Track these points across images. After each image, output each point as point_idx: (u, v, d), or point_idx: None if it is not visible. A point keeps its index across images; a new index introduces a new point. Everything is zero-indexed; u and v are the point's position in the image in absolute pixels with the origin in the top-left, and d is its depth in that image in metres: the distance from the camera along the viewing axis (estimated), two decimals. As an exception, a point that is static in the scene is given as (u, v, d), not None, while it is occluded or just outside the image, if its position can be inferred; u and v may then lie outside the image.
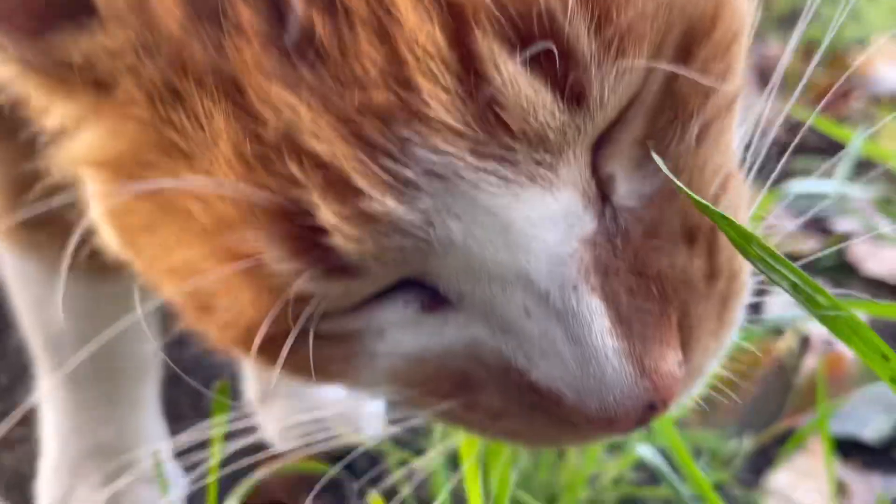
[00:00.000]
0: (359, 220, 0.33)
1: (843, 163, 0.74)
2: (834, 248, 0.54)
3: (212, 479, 0.56)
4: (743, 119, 0.40)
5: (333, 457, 0.74)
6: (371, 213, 0.33)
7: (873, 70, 1.43)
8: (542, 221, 0.34)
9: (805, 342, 0.85)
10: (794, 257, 1.08)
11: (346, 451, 0.73)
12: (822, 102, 0.50)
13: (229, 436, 0.81)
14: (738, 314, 0.41)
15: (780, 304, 0.94)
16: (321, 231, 0.33)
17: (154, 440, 0.71)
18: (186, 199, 0.35)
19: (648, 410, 0.36)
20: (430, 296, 0.38)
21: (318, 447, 0.74)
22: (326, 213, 0.32)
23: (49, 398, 0.70)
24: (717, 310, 0.39)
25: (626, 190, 0.37)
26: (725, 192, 0.38)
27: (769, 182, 0.44)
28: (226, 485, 0.62)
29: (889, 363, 0.38)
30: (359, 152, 0.32)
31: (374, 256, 0.34)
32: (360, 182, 0.32)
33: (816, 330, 0.88)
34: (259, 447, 0.78)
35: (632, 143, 0.36)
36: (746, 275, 0.40)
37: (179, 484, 0.71)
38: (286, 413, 0.75)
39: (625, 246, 0.36)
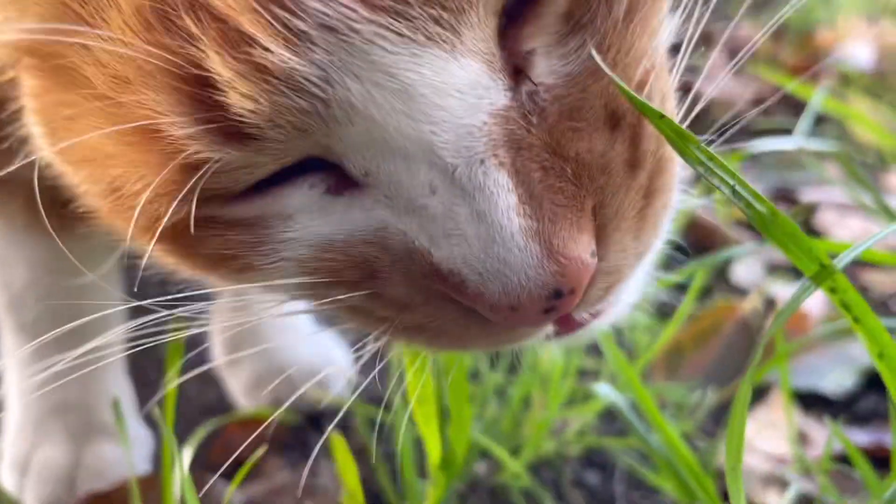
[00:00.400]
0: (253, 75, 0.32)
1: (805, 118, 0.74)
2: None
3: (168, 431, 0.55)
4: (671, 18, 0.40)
5: (300, 413, 0.75)
6: (265, 65, 0.32)
7: (841, 48, 1.45)
8: (447, 90, 0.33)
9: (770, 304, 0.86)
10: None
11: (313, 407, 0.73)
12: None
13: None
14: (663, 218, 0.39)
15: (744, 270, 0.95)
16: (218, 90, 0.33)
17: (119, 399, 0.70)
18: (87, 66, 0.35)
19: (555, 298, 0.35)
20: (337, 178, 0.37)
21: (285, 404, 0.74)
22: (221, 67, 0.32)
23: (12, 357, 0.70)
24: (637, 205, 0.37)
25: (546, 67, 0.36)
26: (651, 82, 0.37)
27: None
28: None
29: (826, 270, 0.39)
30: (253, 3, 0.32)
31: (270, 118, 0.33)
32: (254, 32, 0.32)
33: (781, 292, 0.89)
34: (227, 407, 0.78)
35: (556, 17, 0.35)
36: (673, 176, 0.39)
37: (144, 442, 0.70)
38: (253, 373, 0.75)
39: (540, 123, 0.35)
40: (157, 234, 0.38)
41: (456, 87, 0.34)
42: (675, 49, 0.41)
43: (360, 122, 0.34)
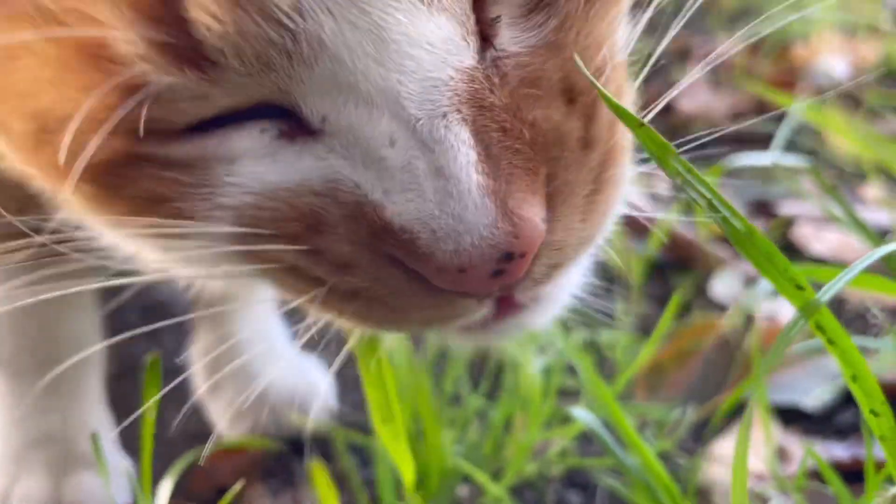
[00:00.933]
0: None
1: (781, 131, 0.75)
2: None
3: (145, 462, 0.55)
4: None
5: (282, 440, 0.74)
6: None
7: (817, 61, 1.46)
8: (420, 41, 0.33)
9: (749, 320, 0.87)
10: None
11: (295, 433, 0.73)
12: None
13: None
14: (610, 212, 0.40)
15: (722, 285, 0.96)
16: (181, 4, 0.31)
17: (99, 430, 0.70)
18: None
19: (505, 261, 0.34)
20: (291, 124, 0.36)
21: (267, 430, 0.74)
22: None
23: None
24: (587, 188, 0.38)
25: (510, 36, 0.36)
26: (607, 72, 0.38)
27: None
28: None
29: (803, 293, 0.39)
30: None
31: (233, 44, 0.32)
32: None
33: (759, 306, 0.89)
34: (211, 434, 0.78)
35: None
36: (624, 172, 0.40)
37: (125, 472, 0.70)
38: (233, 397, 0.75)
39: (503, 86, 0.35)
40: (83, 172, 0.35)
41: (428, 40, 0.34)
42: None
43: (327, 63, 0.33)
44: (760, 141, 1.38)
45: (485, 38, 0.36)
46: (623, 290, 0.96)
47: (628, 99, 0.41)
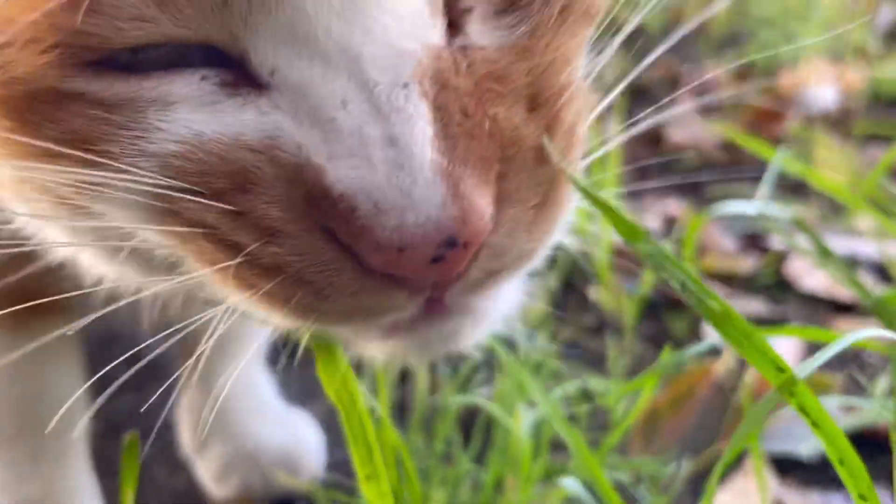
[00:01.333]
0: None
1: (766, 181, 0.75)
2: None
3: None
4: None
5: (271, 501, 0.73)
6: None
7: (804, 91, 1.46)
8: (389, 7, 0.32)
9: (744, 362, 0.86)
10: (731, 276, 1.09)
11: (285, 493, 0.72)
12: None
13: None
14: (552, 232, 0.38)
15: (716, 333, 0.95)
16: None
17: (83, 496, 0.69)
18: None
19: (447, 247, 0.32)
20: (235, 75, 0.34)
21: (255, 491, 0.73)
22: None
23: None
24: (535, 199, 0.36)
25: (479, 30, 0.36)
26: (569, 93, 0.37)
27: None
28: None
29: (783, 374, 0.38)
30: None
31: None
32: None
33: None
34: (198, 493, 0.77)
35: None
36: (568, 198, 0.38)
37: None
38: (222, 459, 0.74)
39: (468, 73, 0.34)
40: (1, 103, 0.33)
41: (397, 10, 0.33)
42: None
43: (287, 10, 0.32)
44: (752, 167, 1.38)
45: (454, 25, 0.36)
46: (615, 331, 0.95)
47: (582, 129, 0.40)
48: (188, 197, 0.34)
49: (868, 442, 0.60)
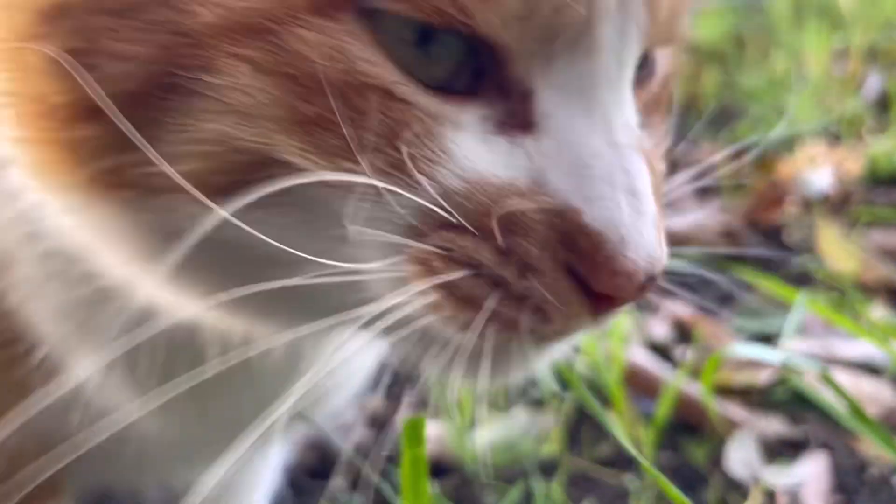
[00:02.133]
0: None
1: (789, 325, 0.72)
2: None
3: None
4: None
5: None
6: None
7: (802, 176, 1.45)
8: (626, 98, 0.41)
9: (771, 497, 0.83)
10: (747, 391, 1.05)
11: None
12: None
13: None
14: None
15: (739, 454, 0.92)
16: None
17: None
18: None
19: (649, 280, 0.38)
20: (507, 114, 0.38)
21: None
22: None
23: None
24: None
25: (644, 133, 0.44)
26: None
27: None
28: None
29: None
30: None
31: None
32: None
33: (781, 480, 0.86)
34: None
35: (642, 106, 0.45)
36: None
37: None
38: None
39: (650, 157, 0.42)
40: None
41: (626, 99, 0.41)
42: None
43: (581, 69, 0.38)
44: (753, 260, 1.37)
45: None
46: (632, 463, 0.92)
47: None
48: (458, 237, 0.38)
49: None
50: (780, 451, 0.93)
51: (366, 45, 0.36)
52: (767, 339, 1.14)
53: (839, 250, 1.28)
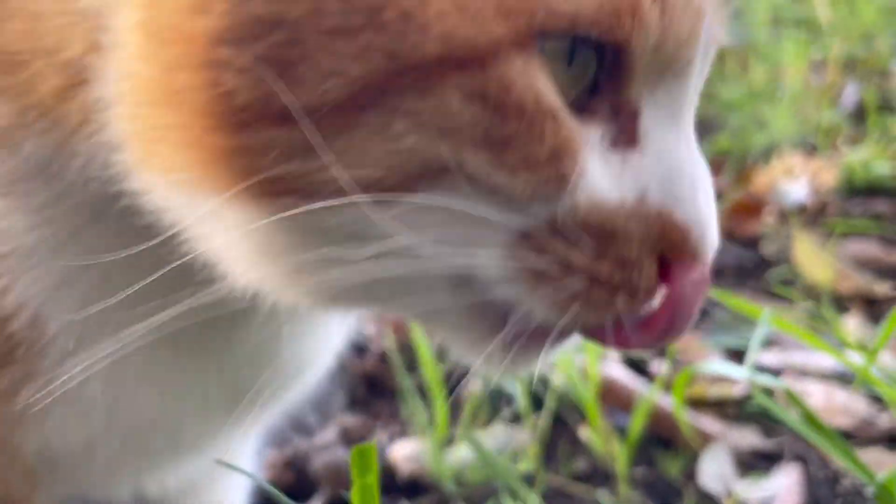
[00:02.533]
0: None
1: (754, 342, 0.73)
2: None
3: None
4: None
5: None
6: None
7: (777, 185, 1.46)
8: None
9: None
10: (722, 403, 1.05)
11: None
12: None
13: None
14: None
15: (712, 467, 0.92)
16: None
17: None
18: None
19: (708, 278, 0.44)
20: (621, 131, 0.42)
21: None
22: None
23: None
24: None
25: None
26: None
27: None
28: None
29: None
30: None
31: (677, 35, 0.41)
32: None
33: (754, 494, 0.86)
34: None
35: None
36: None
37: None
38: None
39: None
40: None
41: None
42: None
43: (679, 92, 0.43)
44: (734, 271, 1.37)
45: None
46: (607, 477, 0.92)
47: None
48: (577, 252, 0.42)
49: None
50: (754, 463, 0.93)
51: (542, 70, 0.39)
52: (742, 353, 1.14)
53: (815, 261, 1.29)
